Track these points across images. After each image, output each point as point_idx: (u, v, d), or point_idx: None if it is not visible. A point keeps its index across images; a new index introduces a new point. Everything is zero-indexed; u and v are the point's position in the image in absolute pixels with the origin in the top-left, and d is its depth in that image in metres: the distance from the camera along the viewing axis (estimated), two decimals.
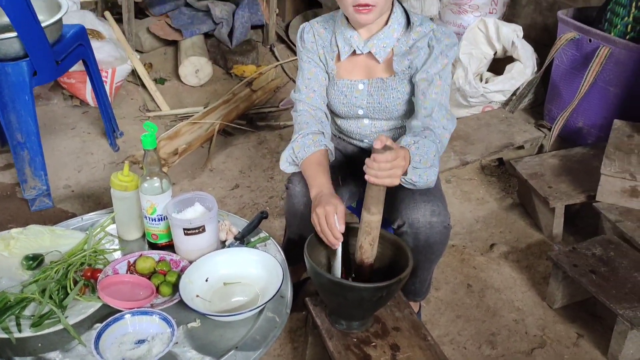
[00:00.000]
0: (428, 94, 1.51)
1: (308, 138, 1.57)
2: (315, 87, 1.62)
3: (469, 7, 3.01)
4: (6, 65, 2.00)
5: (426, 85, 1.52)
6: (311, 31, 1.63)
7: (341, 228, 1.39)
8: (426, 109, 1.51)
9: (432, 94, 1.51)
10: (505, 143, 2.47)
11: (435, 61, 1.51)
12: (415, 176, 1.39)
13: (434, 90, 1.51)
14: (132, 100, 3.18)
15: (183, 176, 2.56)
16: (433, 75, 1.51)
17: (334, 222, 1.38)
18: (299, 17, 3.93)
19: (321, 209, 1.39)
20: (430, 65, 1.51)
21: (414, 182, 1.40)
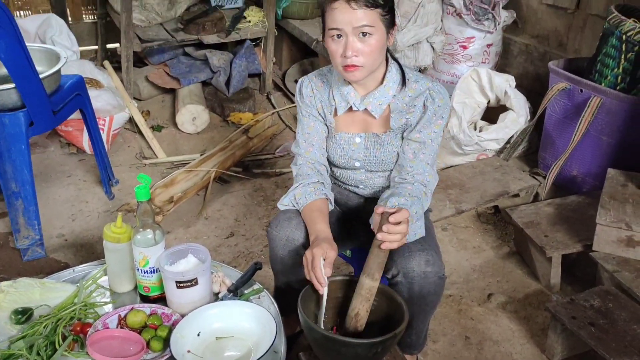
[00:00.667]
0: (419, 155, 1.56)
1: (309, 186, 1.60)
2: (314, 141, 1.65)
3: (462, 57, 3.07)
4: (3, 116, 2.01)
5: (418, 147, 1.56)
6: (309, 85, 1.66)
7: (327, 272, 1.40)
8: (412, 168, 1.56)
9: (421, 154, 1.56)
10: (500, 191, 2.47)
11: (430, 122, 1.55)
12: (410, 235, 1.44)
13: (424, 151, 1.56)
14: (129, 147, 3.19)
15: (178, 224, 2.55)
16: (426, 138, 1.55)
17: (318, 264, 1.39)
18: (296, 66, 4.00)
19: (309, 252, 1.42)
20: (424, 125, 1.55)
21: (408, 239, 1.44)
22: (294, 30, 3.71)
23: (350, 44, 1.44)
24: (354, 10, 1.42)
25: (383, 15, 1.46)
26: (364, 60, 1.46)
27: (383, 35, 1.47)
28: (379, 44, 1.46)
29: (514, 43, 3.20)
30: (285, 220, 1.58)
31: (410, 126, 1.57)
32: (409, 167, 1.55)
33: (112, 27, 3.83)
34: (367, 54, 1.45)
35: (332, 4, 1.44)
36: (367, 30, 1.43)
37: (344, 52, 1.45)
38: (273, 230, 1.59)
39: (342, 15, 1.43)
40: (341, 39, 1.46)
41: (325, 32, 1.50)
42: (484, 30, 2.97)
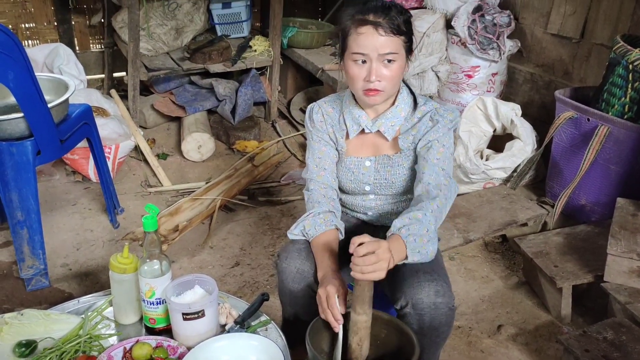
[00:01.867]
0: (429, 159, 1.54)
1: (319, 217, 1.59)
2: (325, 165, 1.65)
3: (467, 86, 3.08)
4: (11, 145, 2.01)
5: (426, 151, 1.56)
6: (320, 111, 1.67)
7: (342, 309, 1.38)
8: (425, 175, 1.53)
9: (433, 159, 1.54)
10: (508, 220, 2.45)
11: (436, 130, 1.55)
12: (417, 256, 1.41)
13: (435, 155, 1.54)
14: (134, 175, 3.19)
15: (183, 254, 2.53)
16: (433, 141, 1.55)
17: (334, 302, 1.37)
18: (301, 94, 4.02)
19: (323, 290, 1.40)
20: (432, 134, 1.56)
21: (417, 261, 1.41)
22: (299, 59, 3.74)
23: (375, 69, 1.46)
24: (380, 37, 1.45)
25: (405, 43, 1.49)
26: (386, 85, 1.49)
27: (404, 61, 1.51)
28: (401, 70, 1.50)
29: (519, 72, 3.21)
30: (295, 251, 1.56)
31: (418, 141, 1.58)
32: (422, 173, 1.54)
33: (119, 55, 3.86)
34: (389, 79, 1.48)
35: (358, 28, 1.47)
36: (392, 58, 1.46)
37: (368, 76, 1.47)
38: (282, 262, 1.57)
39: (369, 41, 1.45)
40: (365, 63, 1.48)
41: (346, 55, 1.51)
42: (489, 59, 2.99)
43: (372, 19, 1.45)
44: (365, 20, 1.46)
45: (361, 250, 1.26)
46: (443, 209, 1.50)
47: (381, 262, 1.27)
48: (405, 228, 1.41)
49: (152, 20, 3.52)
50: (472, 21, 2.94)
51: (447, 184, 1.53)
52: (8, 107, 2.17)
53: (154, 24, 3.53)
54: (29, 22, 3.86)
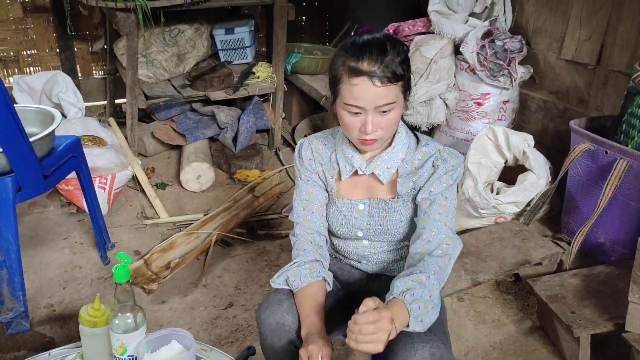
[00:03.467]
0: (430, 214, 1.39)
1: (305, 267, 1.45)
2: (313, 208, 1.51)
3: (477, 114, 2.94)
4: None
5: (428, 205, 1.40)
6: (309, 148, 1.54)
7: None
8: (425, 230, 1.38)
9: (434, 214, 1.38)
10: (520, 260, 2.28)
11: (439, 180, 1.40)
12: (419, 325, 1.25)
13: (437, 210, 1.38)
14: (131, 206, 3.08)
15: (174, 292, 2.39)
16: (436, 195, 1.40)
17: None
18: (306, 121, 3.90)
19: (304, 350, 1.28)
20: (432, 183, 1.41)
21: (419, 331, 1.26)
22: (304, 85, 3.64)
23: (371, 121, 1.33)
24: (376, 88, 1.30)
25: (403, 87, 1.35)
26: (382, 134, 1.36)
27: (402, 105, 1.38)
28: (398, 115, 1.37)
29: (531, 99, 3.06)
30: (275, 303, 1.42)
31: (419, 188, 1.44)
32: (422, 229, 1.39)
33: (121, 82, 3.79)
34: (386, 127, 1.36)
35: (352, 79, 1.31)
36: (389, 108, 1.33)
37: (363, 127, 1.34)
38: (262, 314, 1.43)
39: (364, 93, 1.31)
40: (359, 115, 1.35)
41: (339, 102, 1.37)
42: (500, 86, 2.85)
43: (366, 68, 1.29)
44: (359, 70, 1.30)
45: (360, 319, 1.14)
46: (445, 270, 1.36)
47: (380, 333, 1.14)
48: (409, 293, 1.26)
49: (153, 46, 3.44)
50: (482, 47, 2.81)
51: (451, 243, 1.38)
52: None
53: (155, 50, 3.45)
54: (30, 49, 3.82)
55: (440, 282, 1.33)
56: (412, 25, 3.17)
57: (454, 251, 1.38)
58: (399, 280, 1.30)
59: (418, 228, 1.41)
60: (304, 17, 4.51)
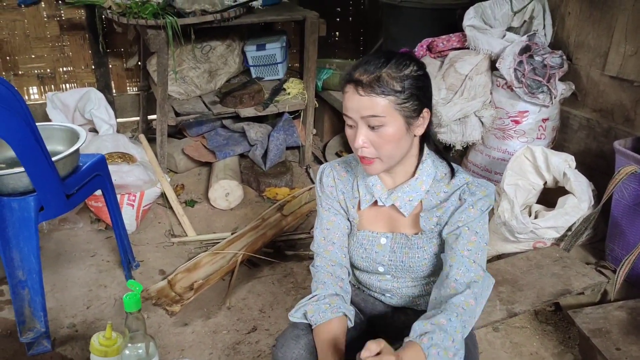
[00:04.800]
0: (457, 250, 1.28)
1: (324, 302, 1.37)
2: (334, 238, 1.42)
3: (515, 133, 2.81)
4: (12, 201, 1.90)
5: (454, 239, 1.29)
6: (331, 174, 1.45)
7: None
8: (452, 269, 1.27)
9: (462, 249, 1.27)
10: (560, 290, 2.14)
11: (465, 212, 1.29)
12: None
13: (466, 246, 1.27)
14: (160, 224, 3.06)
15: (197, 315, 2.34)
16: (462, 228, 1.28)
17: None
18: (337, 138, 3.84)
19: None
20: (459, 217, 1.29)
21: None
22: (335, 102, 3.57)
23: (360, 134, 1.24)
24: (361, 97, 1.22)
25: (400, 104, 1.23)
26: (377, 153, 1.25)
27: (400, 125, 1.24)
28: (394, 135, 1.24)
29: (573, 117, 2.91)
30: (293, 339, 1.34)
31: (444, 223, 1.33)
32: (449, 266, 1.28)
33: (154, 98, 3.79)
34: (380, 146, 1.25)
35: (345, 86, 1.26)
36: (376, 123, 1.22)
37: (355, 141, 1.26)
38: (279, 351, 1.35)
39: (350, 102, 1.24)
40: (353, 128, 1.27)
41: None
42: (539, 103, 2.71)
43: (355, 76, 1.23)
44: (350, 78, 1.24)
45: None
46: (473, 311, 1.24)
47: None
48: (427, 337, 1.16)
49: (185, 63, 3.44)
50: (519, 63, 2.68)
51: (479, 281, 1.26)
52: (14, 159, 2.07)
53: (186, 67, 3.44)
54: (67, 66, 3.87)
55: (466, 326, 1.21)
56: (446, 41, 3.07)
57: (485, 291, 1.27)
58: (418, 323, 1.20)
59: (445, 266, 1.30)
60: (337, 32, 4.46)
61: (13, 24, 3.64)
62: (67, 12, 3.72)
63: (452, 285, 1.25)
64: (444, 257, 1.31)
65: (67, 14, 3.73)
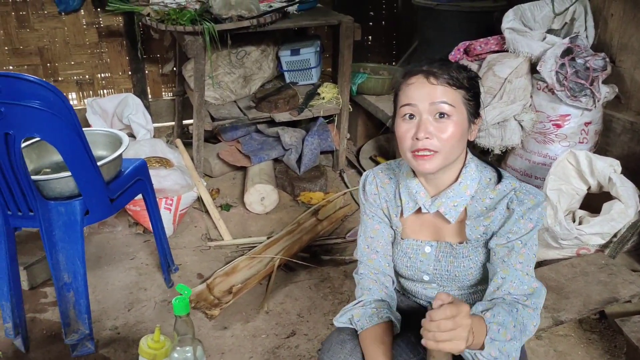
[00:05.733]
0: (510, 264, 1.25)
1: (370, 307, 1.36)
2: (378, 247, 1.41)
3: (556, 137, 2.75)
4: (59, 205, 1.94)
5: (506, 252, 1.26)
6: (374, 181, 1.44)
7: None
8: (505, 281, 1.24)
9: (515, 263, 1.24)
10: (607, 297, 2.08)
11: (516, 225, 1.26)
12: (495, 350, 1.12)
13: (518, 259, 1.25)
14: (196, 227, 3.09)
15: (236, 319, 2.34)
16: (514, 242, 1.25)
17: None
18: (371, 142, 3.82)
19: None
20: (510, 229, 1.26)
21: (494, 357, 1.12)
22: (369, 106, 3.56)
23: (424, 123, 1.22)
24: (432, 86, 1.22)
25: (467, 100, 1.25)
26: (439, 145, 1.22)
27: (464, 120, 1.25)
28: (459, 129, 1.23)
29: (616, 120, 2.84)
30: (338, 344, 1.33)
31: (492, 233, 1.30)
32: (501, 278, 1.25)
33: (189, 103, 3.84)
34: (444, 140, 1.22)
35: (408, 79, 1.26)
36: (445, 110, 1.22)
37: (416, 132, 1.22)
38: (324, 356, 1.34)
39: (419, 90, 1.23)
40: (413, 119, 1.24)
41: (396, 113, 1.29)
42: (581, 107, 2.65)
43: (424, 68, 1.25)
44: (416, 70, 1.26)
45: (436, 315, 1.00)
46: (530, 321, 1.22)
47: (460, 329, 1.00)
48: (490, 312, 1.15)
49: (220, 68, 3.47)
50: (561, 65, 2.63)
51: (533, 292, 1.24)
52: (59, 164, 2.11)
53: (221, 72, 3.47)
54: (105, 72, 3.95)
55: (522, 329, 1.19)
56: (484, 44, 3.03)
57: (540, 300, 1.25)
58: (480, 303, 1.20)
59: (495, 277, 1.26)
60: (370, 36, 4.45)
61: (54, 31, 3.73)
62: (105, 19, 3.79)
63: (507, 298, 1.23)
64: (492, 268, 1.28)
65: (106, 22, 3.80)
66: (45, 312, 2.37)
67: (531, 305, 1.22)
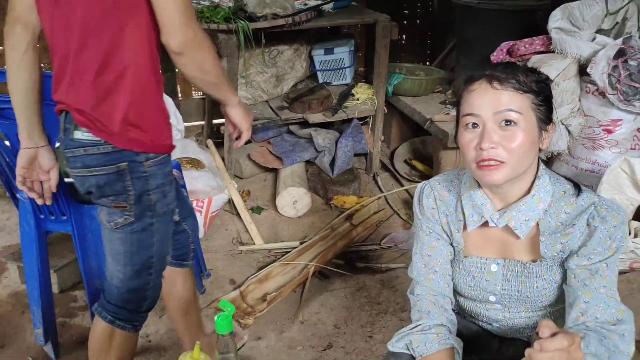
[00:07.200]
0: (593, 287, 1.14)
1: (430, 332, 1.25)
2: (436, 266, 1.30)
3: (606, 143, 2.61)
4: (93, 209, 1.87)
5: (588, 275, 1.15)
6: (432, 194, 1.32)
7: None
8: (589, 305, 1.13)
9: (599, 287, 1.13)
10: None
11: (601, 245, 1.14)
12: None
13: (601, 282, 1.13)
14: (227, 230, 3.01)
15: (270, 328, 2.26)
16: (598, 264, 1.14)
17: None
18: (406, 144, 3.70)
19: None
20: (593, 249, 1.15)
21: None
22: (405, 108, 3.45)
23: (488, 132, 1.12)
24: (496, 91, 1.12)
25: (536, 105, 1.14)
26: (506, 155, 1.12)
27: (534, 128, 1.14)
28: (528, 138, 1.12)
29: None
30: None
31: (570, 252, 1.19)
32: (583, 303, 1.14)
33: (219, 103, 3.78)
34: (511, 150, 1.11)
35: (470, 86, 1.16)
36: (512, 118, 1.11)
37: (480, 142, 1.12)
38: None
39: (482, 98, 1.13)
40: (477, 128, 1.14)
41: (459, 122, 1.19)
42: (635, 112, 2.51)
43: (489, 72, 1.15)
44: (479, 75, 1.16)
45: (550, 345, 0.89)
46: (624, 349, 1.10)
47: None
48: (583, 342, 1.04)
49: (252, 67, 3.39)
50: (614, 67, 2.49)
51: (624, 318, 1.13)
52: None
53: (253, 71, 3.40)
54: None
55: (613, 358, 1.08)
56: (528, 44, 2.90)
57: (629, 325, 1.13)
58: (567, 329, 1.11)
59: (577, 301, 1.15)
60: (404, 35, 4.33)
61: None
62: None
63: (594, 323, 1.12)
64: (572, 291, 1.17)
65: None
66: (76, 317, 2.32)
67: (620, 332, 1.11)
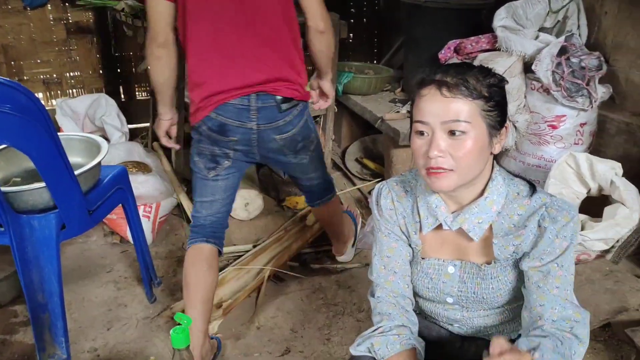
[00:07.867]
0: (547, 290, 1.14)
1: (392, 334, 1.23)
2: (395, 267, 1.28)
3: (551, 138, 2.68)
4: (32, 219, 1.76)
5: (541, 277, 1.15)
6: (389, 195, 1.30)
7: None
8: (545, 309, 1.14)
9: (552, 288, 1.14)
10: (616, 307, 2.02)
11: (551, 245, 1.15)
12: None
13: (554, 283, 1.14)
14: (176, 236, 2.92)
15: (227, 335, 2.19)
16: (549, 264, 1.15)
17: None
18: (357, 143, 3.70)
19: None
20: (543, 249, 1.15)
21: None
22: (355, 106, 3.44)
23: (436, 141, 1.10)
24: (445, 100, 1.09)
25: (486, 111, 1.11)
26: (454, 164, 1.10)
27: (483, 135, 1.11)
28: (477, 145, 1.10)
29: (610, 121, 2.79)
30: None
31: (523, 253, 1.19)
32: (539, 306, 1.14)
33: None
34: (459, 158, 1.10)
35: (421, 90, 1.13)
36: (460, 128, 1.09)
37: (428, 150, 1.11)
38: None
39: (430, 105, 1.10)
40: (425, 135, 1.12)
41: (411, 126, 1.17)
42: (577, 107, 2.59)
43: (437, 77, 1.11)
44: (429, 79, 1.12)
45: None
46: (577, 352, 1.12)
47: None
48: (537, 353, 1.04)
49: None
50: (558, 65, 2.56)
51: (579, 319, 1.13)
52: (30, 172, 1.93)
53: None
54: (74, 71, 3.73)
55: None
56: (475, 42, 2.95)
57: (584, 329, 1.14)
58: (523, 340, 1.10)
59: (533, 304, 1.16)
60: (351, 34, 4.32)
61: (19, 27, 3.49)
62: (74, 15, 3.58)
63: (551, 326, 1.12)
64: (527, 293, 1.18)
65: (75, 17, 3.59)
66: (17, 334, 2.18)
67: (575, 333, 1.12)
